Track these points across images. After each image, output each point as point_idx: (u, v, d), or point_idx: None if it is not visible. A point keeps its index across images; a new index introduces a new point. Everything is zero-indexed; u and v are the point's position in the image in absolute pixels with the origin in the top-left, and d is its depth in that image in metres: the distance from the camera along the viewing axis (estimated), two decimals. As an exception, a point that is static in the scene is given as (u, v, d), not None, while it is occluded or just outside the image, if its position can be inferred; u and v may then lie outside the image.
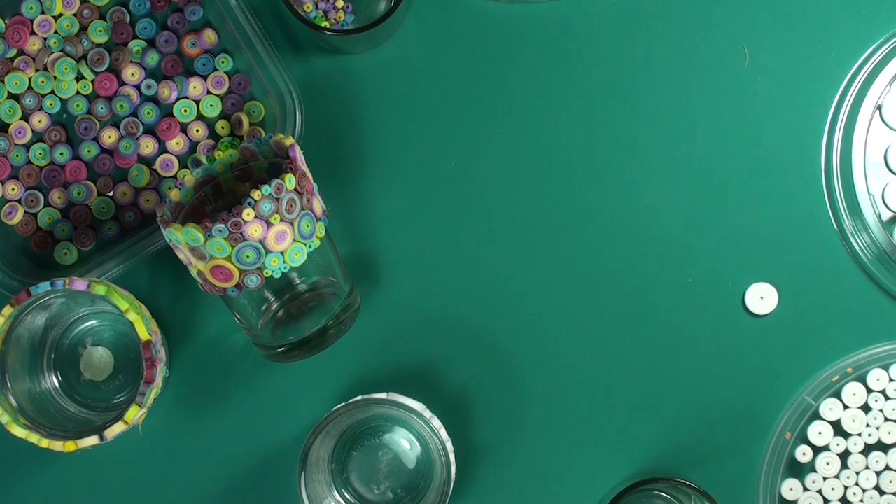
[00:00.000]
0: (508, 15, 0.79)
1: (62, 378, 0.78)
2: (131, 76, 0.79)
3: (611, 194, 0.79)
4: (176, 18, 0.79)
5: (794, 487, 0.77)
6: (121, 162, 0.79)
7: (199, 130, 0.79)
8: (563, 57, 0.79)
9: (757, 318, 0.78)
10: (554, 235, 0.79)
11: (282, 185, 0.68)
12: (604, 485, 0.78)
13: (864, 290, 0.78)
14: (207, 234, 0.67)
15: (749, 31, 0.79)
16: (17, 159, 0.79)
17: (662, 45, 0.79)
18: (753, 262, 0.78)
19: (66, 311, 0.78)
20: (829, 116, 0.78)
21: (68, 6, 0.79)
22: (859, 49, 0.78)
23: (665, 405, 0.78)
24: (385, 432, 0.78)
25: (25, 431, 0.71)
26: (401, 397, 0.74)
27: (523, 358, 0.79)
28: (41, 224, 0.79)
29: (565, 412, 0.79)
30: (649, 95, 0.79)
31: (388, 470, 0.78)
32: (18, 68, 0.78)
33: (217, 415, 0.79)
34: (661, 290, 0.79)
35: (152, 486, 0.79)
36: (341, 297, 0.74)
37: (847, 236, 0.78)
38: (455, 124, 0.79)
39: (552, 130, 0.79)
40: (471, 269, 0.79)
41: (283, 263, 0.69)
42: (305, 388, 0.79)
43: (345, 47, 0.79)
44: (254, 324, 0.73)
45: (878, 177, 0.78)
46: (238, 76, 0.79)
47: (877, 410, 0.77)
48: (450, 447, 0.73)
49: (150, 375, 0.71)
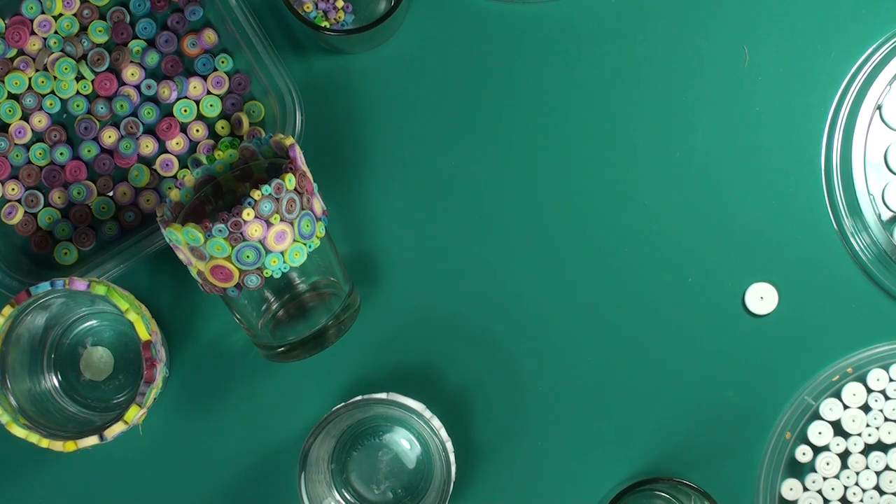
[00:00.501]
0: (508, 15, 0.79)
1: (62, 378, 0.78)
2: (131, 76, 0.79)
3: (611, 194, 0.79)
4: (176, 18, 0.79)
5: (794, 487, 0.77)
6: (121, 162, 0.79)
7: (199, 130, 0.79)
8: (563, 57, 0.79)
9: (757, 318, 0.78)
10: (553, 235, 0.79)
11: (282, 185, 0.67)
12: (604, 485, 0.78)
13: (864, 290, 0.78)
14: (207, 234, 0.67)
15: (749, 31, 0.79)
16: (17, 159, 0.79)
17: (662, 45, 0.79)
18: (753, 262, 0.78)
19: (66, 311, 0.78)
20: (829, 116, 0.78)
21: (68, 6, 0.79)
22: (859, 49, 0.78)
23: (665, 405, 0.78)
24: (385, 432, 0.78)
25: (25, 431, 0.71)
26: (401, 397, 0.74)
27: (523, 358, 0.79)
28: (41, 224, 0.79)
29: (565, 412, 0.79)
30: (649, 95, 0.79)
31: (388, 470, 0.78)
32: (18, 68, 0.78)
33: (217, 415, 0.79)
34: (661, 291, 0.79)
35: (152, 486, 0.79)
36: (341, 297, 0.74)
37: (847, 236, 0.78)
38: (455, 124, 0.79)
39: (552, 130, 0.79)
40: (471, 268, 0.79)
41: (283, 263, 0.69)
42: (305, 388, 0.79)
43: (345, 47, 0.79)
44: (254, 324, 0.73)
45: (878, 177, 0.78)
46: (238, 76, 0.79)
47: (877, 410, 0.77)
48: (450, 447, 0.73)
49: (150, 375, 0.71)
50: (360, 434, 0.78)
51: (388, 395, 0.74)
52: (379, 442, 0.78)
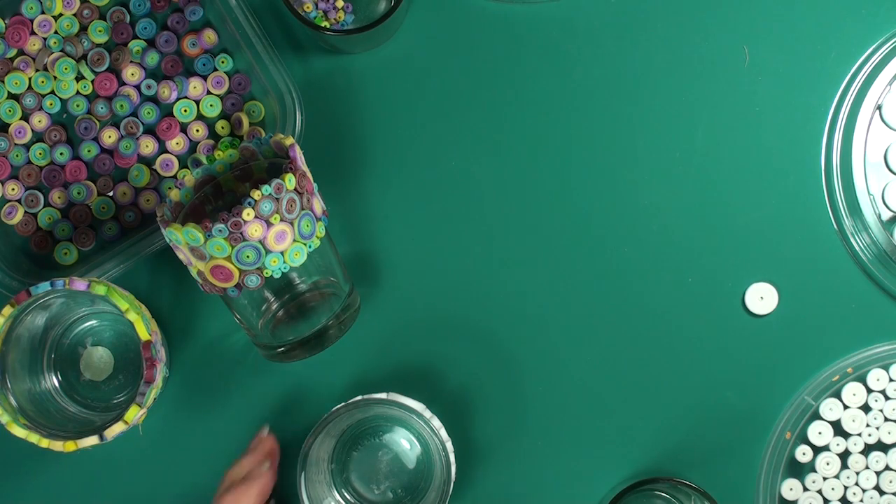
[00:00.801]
0: (508, 15, 0.79)
1: (62, 378, 0.78)
2: (131, 76, 0.79)
3: (610, 194, 0.79)
4: (176, 18, 0.79)
5: (794, 487, 0.77)
6: (121, 162, 0.79)
7: (199, 130, 0.79)
8: (564, 57, 0.79)
9: (757, 318, 0.78)
10: (553, 235, 0.79)
11: (282, 185, 0.67)
12: (604, 485, 0.78)
13: (864, 290, 0.78)
14: (207, 234, 0.67)
15: (749, 31, 0.79)
16: (17, 159, 0.79)
17: (662, 46, 0.79)
18: (753, 262, 0.78)
19: (66, 311, 0.78)
20: (829, 116, 0.78)
21: (68, 6, 0.79)
22: (859, 49, 0.78)
23: (665, 405, 0.78)
24: (385, 432, 0.78)
25: (25, 431, 0.71)
26: (401, 397, 0.74)
27: (523, 358, 0.79)
28: (41, 224, 0.79)
29: (565, 412, 0.79)
30: (649, 95, 0.79)
31: (388, 470, 0.78)
32: (18, 68, 0.78)
33: (217, 415, 0.79)
34: (662, 291, 0.79)
35: (152, 486, 0.79)
36: (341, 297, 0.74)
37: (847, 236, 0.78)
38: (455, 124, 0.79)
39: (552, 130, 0.79)
40: (471, 269, 0.79)
41: (283, 263, 0.69)
42: (305, 388, 0.79)
43: (345, 47, 0.79)
44: (254, 324, 0.73)
45: (878, 177, 0.78)
46: (238, 76, 0.79)
47: (877, 410, 0.77)
48: (450, 447, 0.73)
49: (150, 375, 0.71)
50: (360, 434, 0.78)
51: (388, 395, 0.74)
52: (379, 442, 0.78)
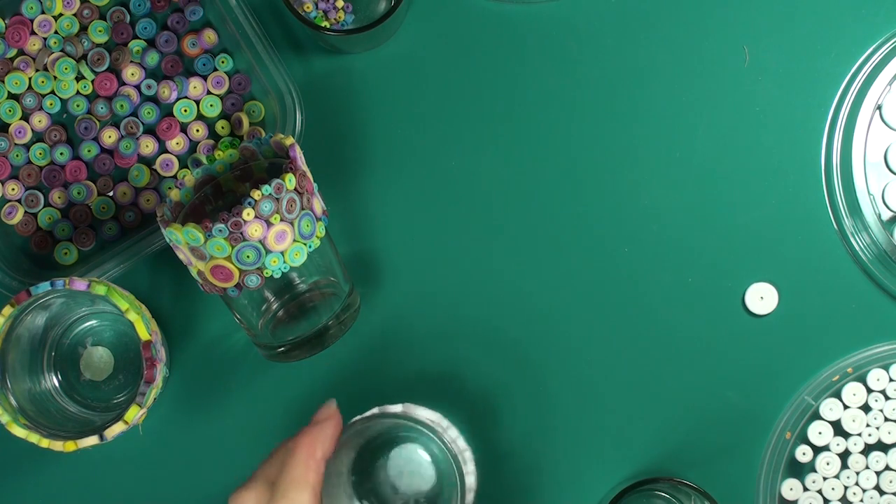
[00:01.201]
0: (508, 15, 0.79)
1: (62, 378, 0.78)
2: (131, 76, 0.79)
3: (610, 194, 0.79)
4: (176, 18, 0.79)
5: (794, 487, 0.77)
6: (121, 162, 0.79)
7: (199, 130, 0.79)
8: (564, 57, 0.79)
9: (757, 318, 0.78)
10: (553, 235, 0.79)
11: (282, 185, 0.67)
12: (604, 485, 0.78)
13: (864, 290, 0.78)
14: (207, 234, 0.67)
15: (749, 31, 0.79)
16: (17, 159, 0.79)
17: (662, 45, 0.79)
18: (753, 262, 0.78)
19: (66, 311, 0.78)
20: (829, 116, 0.78)
21: (68, 6, 0.79)
22: (859, 49, 0.78)
23: (665, 405, 0.78)
24: (404, 442, 0.78)
25: (25, 431, 0.71)
26: (416, 408, 0.73)
27: (522, 357, 0.79)
28: (41, 224, 0.79)
29: (565, 412, 0.78)
30: (649, 95, 0.79)
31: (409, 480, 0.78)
32: (18, 68, 0.78)
33: (217, 415, 0.79)
34: (662, 291, 0.79)
35: (152, 486, 0.79)
36: (341, 297, 0.74)
37: (847, 236, 0.78)
38: (455, 124, 0.79)
39: (552, 130, 0.79)
40: (471, 268, 0.79)
41: (283, 263, 0.69)
42: (305, 388, 0.79)
43: (345, 47, 0.79)
44: (254, 324, 0.73)
45: (878, 177, 0.78)
46: (238, 76, 0.79)
47: (877, 410, 0.77)
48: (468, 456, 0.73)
49: (150, 375, 0.71)
50: (381, 445, 0.78)
51: (404, 406, 0.73)
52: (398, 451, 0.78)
